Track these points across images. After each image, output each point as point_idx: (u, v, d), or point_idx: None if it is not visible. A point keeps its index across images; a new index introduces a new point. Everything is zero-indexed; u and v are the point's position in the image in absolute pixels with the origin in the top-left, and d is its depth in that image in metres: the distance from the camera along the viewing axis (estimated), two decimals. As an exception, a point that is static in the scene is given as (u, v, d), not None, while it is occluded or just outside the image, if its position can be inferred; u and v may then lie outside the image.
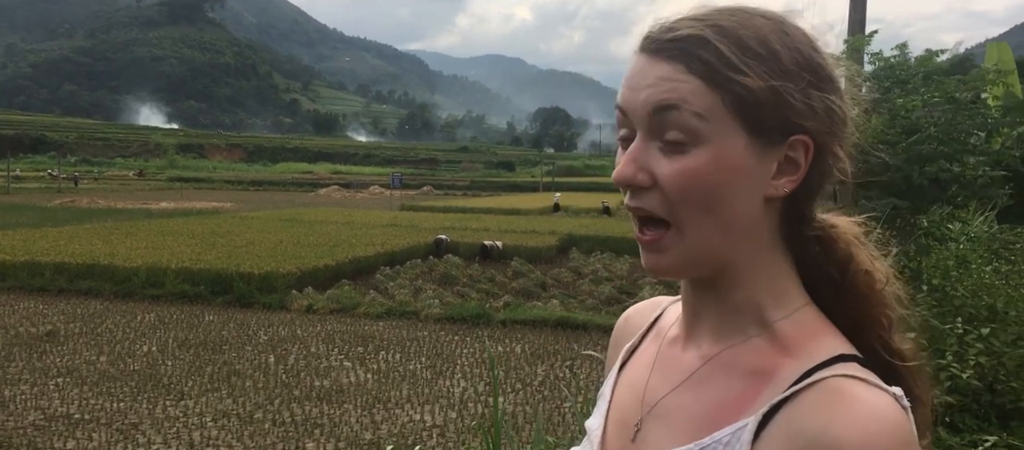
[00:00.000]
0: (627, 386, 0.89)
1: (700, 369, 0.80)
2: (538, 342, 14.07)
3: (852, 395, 0.67)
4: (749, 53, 0.73)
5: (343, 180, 78.87)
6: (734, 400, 0.75)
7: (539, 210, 40.37)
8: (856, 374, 0.70)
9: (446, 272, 20.47)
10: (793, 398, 0.70)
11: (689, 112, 0.72)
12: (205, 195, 57.41)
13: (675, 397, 0.81)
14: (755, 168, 0.74)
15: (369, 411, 10.44)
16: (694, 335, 0.83)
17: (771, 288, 0.78)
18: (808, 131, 0.74)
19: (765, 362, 0.75)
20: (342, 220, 31.62)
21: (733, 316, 0.79)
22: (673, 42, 0.74)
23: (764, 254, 0.78)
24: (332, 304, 16.37)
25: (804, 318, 0.77)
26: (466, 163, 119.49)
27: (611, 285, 18.74)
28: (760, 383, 0.74)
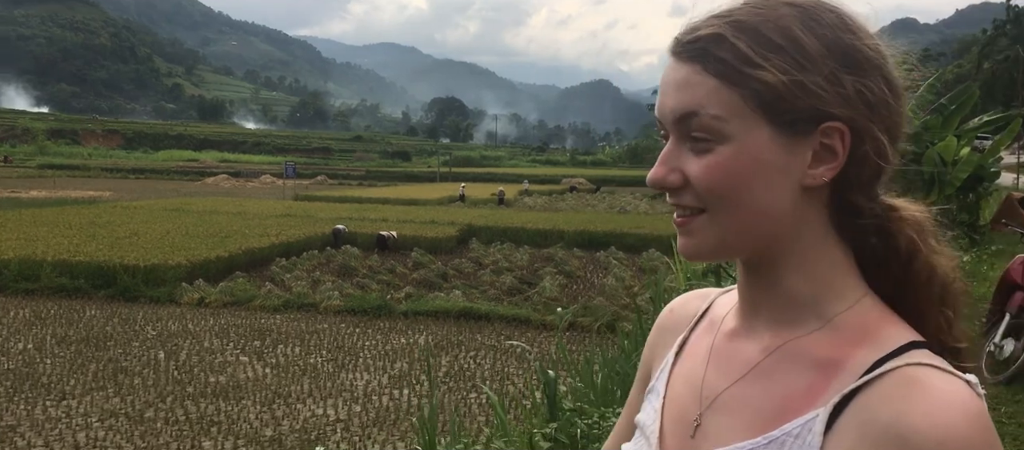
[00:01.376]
0: (682, 380, 0.86)
1: (763, 361, 0.77)
2: (441, 333, 13.98)
3: (928, 383, 0.66)
4: (768, 46, 0.73)
5: (232, 169, 76.30)
6: (803, 391, 0.72)
7: (437, 200, 40.20)
8: (930, 362, 0.69)
9: (345, 263, 20.07)
10: (866, 388, 0.68)
11: (708, 116, 0.73)
12: (81, 183, 54.18)
13: (737, 390, 0.78)
14: (785, 159, 0.73)
15: (269, 407, 10.11)
16: (753, 327, 0.80)
17: (827, 279, 0.76)
18: (840, 118, 0.73)
19: (833, 353, 0.73)
20: (233, 210, 30.51)
21: (791, 307, 0.77)
22: (692, 43, 0.75)
23: (814, 243, 0.76)
24: (225, 297, 15.77)
25: (866, 308, 0.76)
26: (361, 153, 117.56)
27: (512, 275, 18.84)
28: (829, 374, 0.72)
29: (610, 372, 5.57)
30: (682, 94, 0.74)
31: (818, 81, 0.72)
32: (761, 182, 0.73)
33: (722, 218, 0.74)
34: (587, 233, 24.89)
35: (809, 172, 0.74)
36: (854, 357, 0.71)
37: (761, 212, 0.74)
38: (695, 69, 0.74)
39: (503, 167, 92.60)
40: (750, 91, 0.72)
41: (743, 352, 0.80)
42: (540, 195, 48.56)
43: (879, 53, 0.75)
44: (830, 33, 0.74)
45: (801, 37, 0.73)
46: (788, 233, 0.75)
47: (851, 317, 0.75)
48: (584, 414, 3.64)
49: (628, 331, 6.71)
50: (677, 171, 0.75)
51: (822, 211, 0.76)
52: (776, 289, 0.77)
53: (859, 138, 0.74)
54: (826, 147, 0.74)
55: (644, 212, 35.04)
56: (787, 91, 0.72)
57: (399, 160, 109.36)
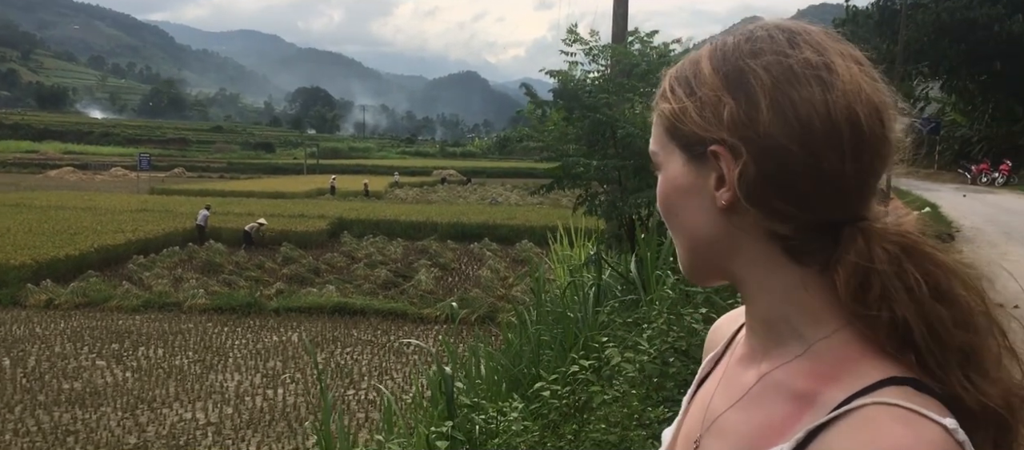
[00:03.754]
0: (698, 401, 0.88)
1: (754, 388, 0.78)
2: (315, 330, 13.65)
3: (880, 426, 0.63)
4: (678, 81, 0.78)
5: (78, 161, 71.22)
6: (778, 423, 0.72)
7: (306, 193, 39.15)
8: (897, 401, 0.64)
9: (209, 260, 19.21)
10: (829, 426, 0.67)
11: (652, 151, 0.81)
12: (-100, 177, 49.09)
13: (731, 415, 0.79)
14: (695, 182, 0.75)
15: (131, 413, 9.57)
16: (754, 351, 0.81)
17: (792, 303, 0.74)
18: (717, 141, 0.72)
19: (809, 385, 0.72)
20: (82, 205, 28.50)
21: (770, 331, 0.77)
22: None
23: (761, 267, 0.75)
24: (78, 298, 14.75)
25: (844, 339, 0.72)
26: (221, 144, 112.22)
27: (386, 269, 18.63)
28: (802, 407, 0.71)
29: (495, 365, 5.60)
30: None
31: (699, 106, 0.74)
32: (682, 204, 0.78)
33: (675, 240, 0.81)
34: (460, 225, 24.93)
35: (714, 194, 0.74)
36: (826, 392, 0.70)
37: (692, 233, 0.78)
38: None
39: (372, 159, 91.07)
40: (665, 121, 0.78)
41: (744, 377, 0.81)
42: (411, 187, 48.23)
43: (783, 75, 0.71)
44: (731, 59, 0.74)
45: (702, 66, 0.75)
46: (731, 256, 0.76)
47: (830, 346, 0.73)
48: (480, 409, 3.65)
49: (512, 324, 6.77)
50: None
51: (758, 233, 0.74)
52: (752, 312, 0.79)
53: (749, 160, 0.71)
54: (720, 169, 0.74)
55: (516, 204, 35.46)
56: (677, 118, 0.76)
57: (263, 152, 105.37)
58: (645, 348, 3.83)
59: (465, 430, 3.50)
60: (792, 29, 0.76)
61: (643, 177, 7.37)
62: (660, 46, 9.43)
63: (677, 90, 0.77)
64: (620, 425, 3.28)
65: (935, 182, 28.45)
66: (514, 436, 3.25)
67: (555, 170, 9.17)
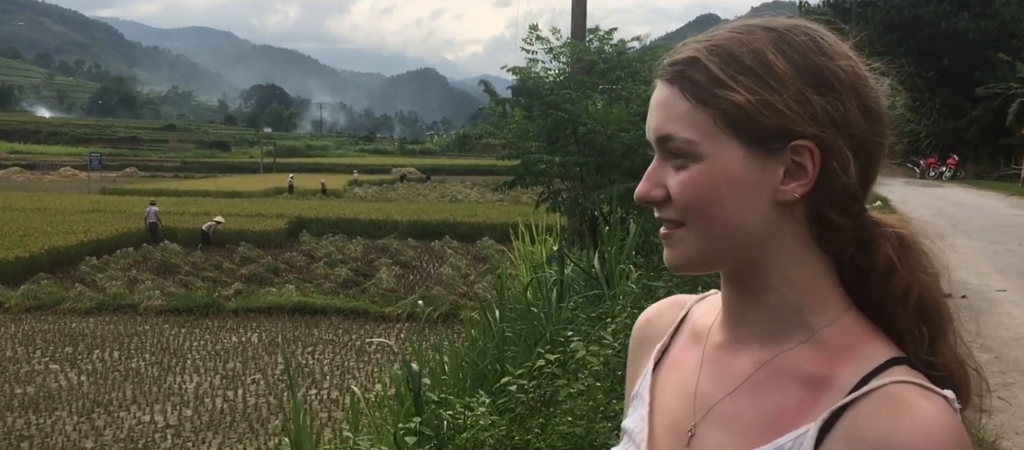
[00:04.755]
0: (672, 389, 0.88)
1: (755, 374, 0.80)
2: (275, 330, 13.51)
3: (912, 402, 0.70)
4: (739, 68, 0.76)
5: (25, 160, 69.41)
6: (794, 407, 0.76)
7: (263, 192, 38.65)
8: (910, 379, 0.72)
9: (165, 260, 18.88)
10: (853, 405, 0.72)
11: (681, 139, 0.76)
12: None
13: (731, 402, 0.81)
14: (757, 175, 0.76)
15: (87, 417, 9.39)
16: (742, 339, 0.83)
17: (808, 292, 0.79)
18: (808, 136, 0.76)
19: (821, 369, 0.76)
20: (31, 206, 27.78)
21: (775, 320, 0.80)
22: (672, 66, 0.79)
23: (794, 257, 0.79)
24: (28, 301, 14.39)
25: (848, 324, 0.78)
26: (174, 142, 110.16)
27: (347, 267, 18.50)
28: (818, 390, 0.75)
29: (460, 362, 5.62)
30: (660, 115, 0.79)
31: (786, 100, 0.76)
32: (733, 198, 0.76)
33: (699, 232, 0.78)
34: (421, 223, 24.86)
35: (781, 188, 0.77)
36: (841, 374, 0.75)
37: (735, 226, 0.77)
38: (673, 91, 0.78)
39: (330, 157, 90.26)
40: (719, 112, 0.75)
41: (735, 364, 0.83)
42: (370, 185, 47.90)
43: (854, 74, 0.78)
44: (800, 55, 0.77)
45: (771, 59, 0.77)
46: (766, 247, 0.78)
47: (835, 332, 0.78)
48: (447, 405, 3.67)
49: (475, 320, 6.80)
50: (661, 186, 0.79)
51: (799, 226, 0.78)
52: (759, 302, 0.81)
53: (828, 155, 0.76)
54: (797, 164, 0.76)
55: (476, 201, 35.46)
56: (755, 111, 0.75)
57: (218, 150, 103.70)
58: (610, 342, 3.89)
59: (433, 426, 3.53)
60: (820, 29, 0.81)
61: (605, 173, 7.45)
62: (618, 43, 9.52)
63: (743, 80, 0.76)
64: (586, 418, 3.33)
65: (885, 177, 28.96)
66: (481, 430, 3.28)
67: (516, 167, 9.20)
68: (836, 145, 0.76)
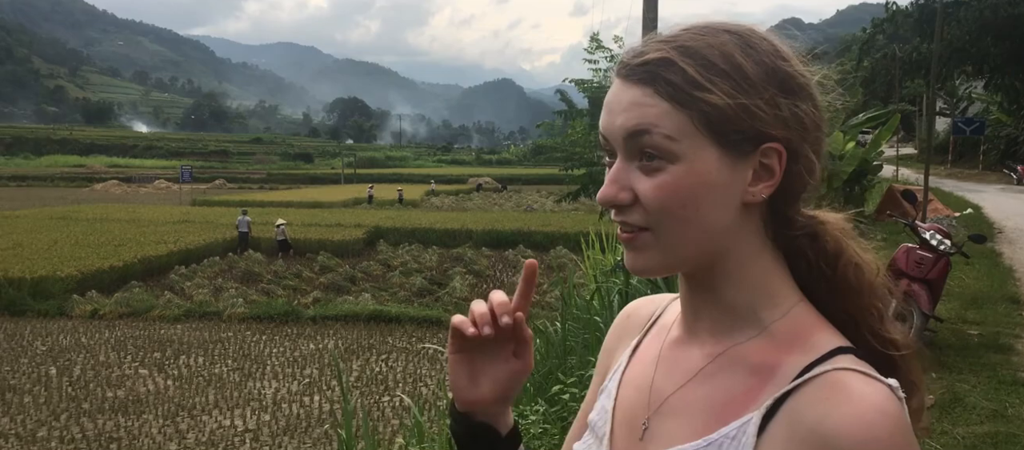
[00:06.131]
0: (632, 384, 0.89)
1: (706, 367, 0.81)
2: (351, 337, 13.80)
3: (850, 387, 0.70)
4: (714, 70, 0.76)
5: (123, 174, 73.00)
6: (740, 396, 0.77)
7: (343, 202, 39.57)
8: (854, 367, 0.73)
9: (248, 269, 19.53)
10: (795, 392, 0.73)
11: (660, 135, 0.75)
12: (-46, 192, 50.71)
13: (683, 394, 0.82)
14: (729, 178, 0.77)
15: (172, 420, 9.77)
16: (696, 334, 0.84)
17: (763, 288, 0.81)
18: (779, 139, 0.78)
19: (768, 358, 0.77)
20: (126, 217, 29.18)
21: (730, 316, 0.81)
22: (642, 66, 0.77)
23: (751, 256, 0.80)
24: (121, 308, 15.10)
25: (798, 315, 0.80)
26: (261, 155, 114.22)
27: (422, 276, 18.75)
28: (764, 379, 0.76)
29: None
30: (632, 114, 0.76)
31: (760, 104, 0.77)
32: (708, 201, 0.76)
33: (668, 235, 0.77)
34: (495, 232, 25.00)
35: (749, 190, 0.78)
36: (787, 363, 0.76)
37: (706, 229, 0.77)
38: (646, 92, 0.76)
39: (409, 167, 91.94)
40: (699, 113, 0.75)
41: (688, 358, 0.84)
42: (447, 195, 48.48)
43: (808, 79, 0.81)
44: (767, 60, 0.79)
45: (743, 63, 0.77)
46: (728, 247, 0.79)
47: (785, 324, 0.80)
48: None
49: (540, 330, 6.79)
50: (628, 189, 0.77)
51: (758, 225, 0.81)
52: (716, 299, 0.82)
53: (793, 157, 0.79)
54: (764, 166, 0.78)
55: (551, 210, 35.45)
56: (733, 113, 0.76)
57: (301, 162, 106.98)
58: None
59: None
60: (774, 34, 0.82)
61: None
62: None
63: (719, 83, 0.76)
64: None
65: (980, 183, 27.79)
66: (533, 439, 3.27)
67: (581, 177, 9.16)
68: (802, 147, 0.79)
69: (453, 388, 0.85)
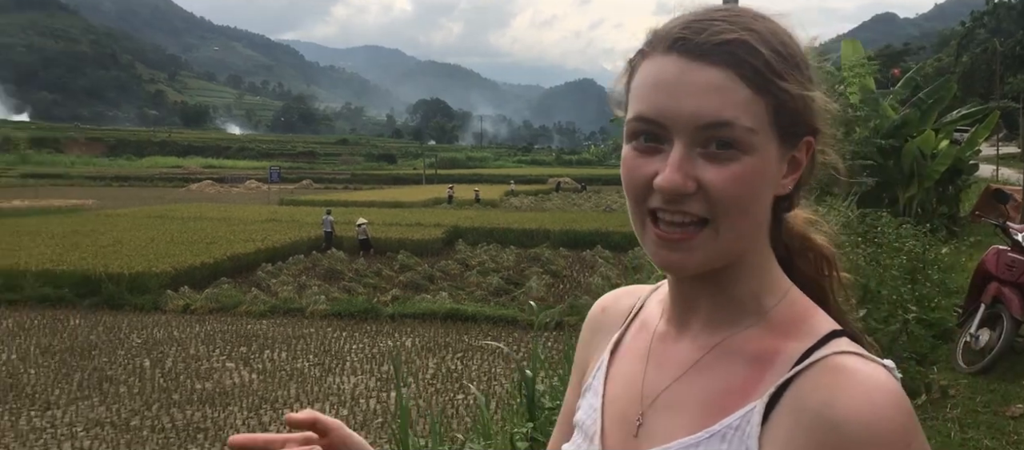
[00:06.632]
0: (620, 380, 0.87)
1: (702, 359, 0.79)
2: (429, 335, 13.99)
3: (852, 370, 0.70)
4: (782, 59, 0.74)
5: (217, 174, 75.99)
6: (740, 385, 0.75)
7: (423, 202, 40.16)
8: (852, 349, 0.73)
9: (331, 267, 20.04)
10: (797, 378, 0.72)
11: (742, 128, 0.71)
12: (63, 192, 53.74)
13: (678, 388, 0.80)
14: (778, 170, 0.76)
15: (256, 412, 10.10)
16: (688, 326, 0.82)
17: (765, 277, 0.80)
18: (816, 132, 0.78)
19: (765, 346, 0.76)
20: (218, 216, 30.37)
21: (733, 306, 0.79)
22: (719, 46, 0.72)
23: (762, 246, 0.80)
24: (211, 303, 15.72)
25: (793, 301, 0.80)
26: (346, 156, 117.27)
27: (499, 276, 18.86)
28: (763, 367, 0.75)
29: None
30: (710, 99, 0.71)
31: (816, 96, 0.76)
32: (765, 193, 0.75)
33: (728, 229, 0.74)
34: (573, 232, 24.94)
35: (782, 181, 0.77)
36: (785, 349, 0.75)
37: (758, 223, 0.77)
38: (727, 75, 0.71)
39: (489, 168, 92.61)
40: (775, 103, 0.73)
41: (680, 352, 0.82)
42: (526, 195, 48.64)
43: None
44: (803, 49, 0.77)
45: (798, 53, 0.76)
46: (756, 238, 0.79)
47: (782, 310, 0.79)
48: (562, 411, 3.67)
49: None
50: (692, 178, 0.72)
51: (769, 216, 0.80)
52: (721, 291, 0.79)
53: (819, 149, 0.79)
54: (795, 159, 0.77)
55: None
56: (801, 105, 0.75)
57: (385, 163, 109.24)
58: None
59: (546, 432, 3.54)
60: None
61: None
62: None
63: (792, 72, 0.74)
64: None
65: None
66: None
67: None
68: (826, 138, 0.79)
69: None
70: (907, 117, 14.95)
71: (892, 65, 29.72)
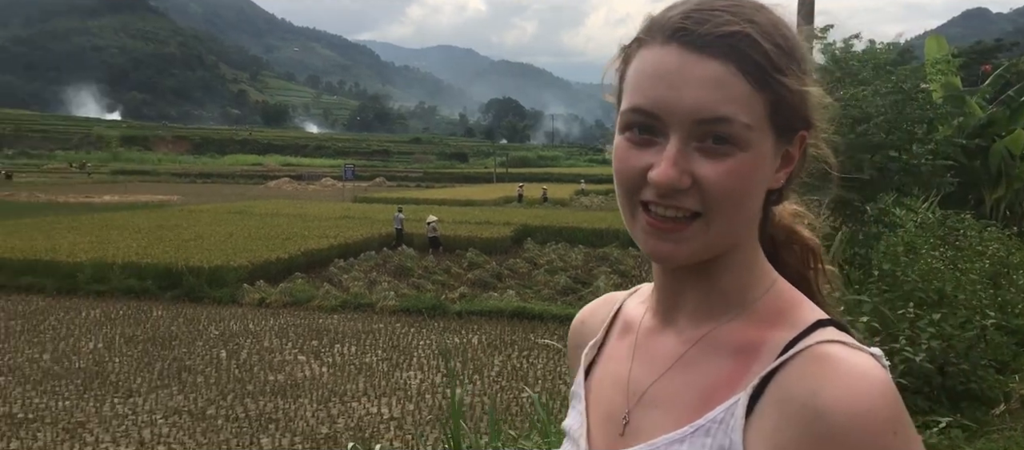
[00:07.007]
0: (606, 382, 0.86)
1: (687, 353, 0.78)
2: (495, 333, 14.07)
3: (838, 359, 0.68)
4: (783, 53, 0.72)
5: (294, 172, 77.94)
6: (725, 378, 0.74)
7: (494, 201, 40.37)
8: (838, 338, 0.71)
9: (401, 264, 20.34)
10: (781, 368, 0.70)
11: (740, 124, 0.70)
12: (150, 188, 56.10)
13: (663, 383, 0.79)
14: (772, 165, 0.75)
15: (325, 405, 10.33)
16: (673, 321, 0.81)
17: (752, 269, 0.79)
18: (810, 126, 0.76)
19: (750, 338, 0.75)
20: (294, 212, 31.19)
21: (718, 298, 0.78)
22: (722, 38, 0.70)
23: (751, 239, 0.79)
24: (285, 297, 16.15)
25: (779, 291, 0.79)
26: (419, 154, 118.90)
27: (566, 275, 18.82)
28: (748, 359, 0.74)
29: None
30: (711, 94, 0.69)
31: (814, 91, 0.75)
32: (759, 188, 0.75)
33: (720, 223, 0.72)
34: (643, 232, 24.68)
35: (775, 175, 0.76)
36: (770, 340, 0.73)
37: (750, 216, 0.76)
38: (729, 69, 0.70)
39: (560, 167, 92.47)
40: (775, 98, 0.71)
41: (666, 346, 0.81)
42: (596, 194, 48.36)
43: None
44: (801, 41, 0.75)
45: (796, 46, 0.74)
46: (748, 231, 0.78)
47: (768, 302, 0.77)
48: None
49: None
50: (687, 173, 0.71)
51: (760, 209, 0.78)
52: (708, 284, 0.78)
53: (810, 143, 0.78)
54: (788, 152, 0.76)
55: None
56: (798, 100, 0.73)
57: (456, 161, 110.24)
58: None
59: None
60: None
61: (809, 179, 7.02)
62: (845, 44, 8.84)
63: (791, 67, 0.72)
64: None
65: None
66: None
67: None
68: (816, 132, 0.78)
69: None
70: (994, 116, 14.30)
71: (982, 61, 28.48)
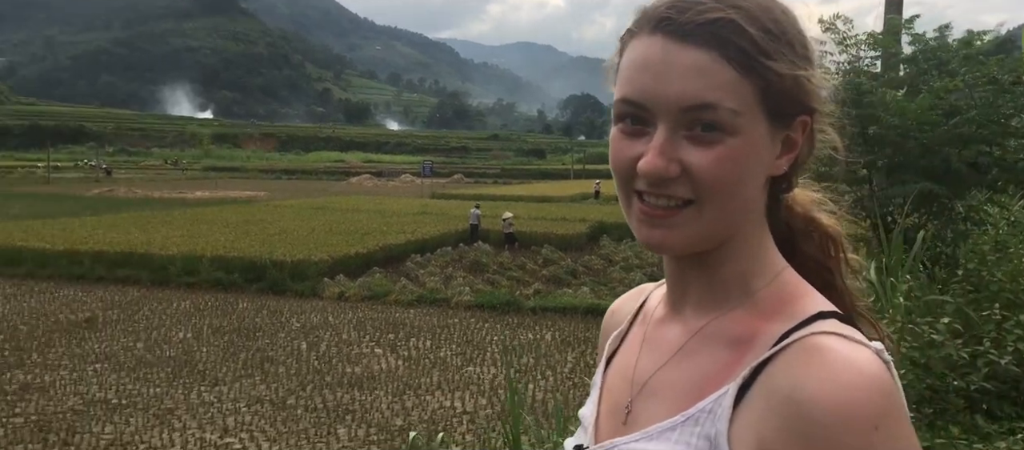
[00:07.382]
0: (617, 372, 0.88)
1: (687, 343, 0.79)
2: (568, 329, 14.05)
3: (827, 350, 0.67)
4: (772, 37, 0.72)
5: (375, 169, 79.52)
6: (719, 369, 0.74)
7: (570, 197, 40.30)
8: (835, 330, 0.69)
9: (476, 260, 20.52)
10: (772, 359, 0.70)
11: (726, 110, 0.70)
12: (239, 184, 58.17)
13: (664, 373, 0.80)
14: (769, 151, 0.74)
15: (400, 397, 10.52)
16: (680, 311, 0.82)
17: (756, 258, 0.78)
18: (812, 111, 0.76)
19: (748, 328, 0.75)
20: (373, 208, 31.83)
21: (720, 288, 0.78)
22: (704, 26, 0.70)
23: (755, 228, 0.78)
24: (363, 292, 16.50)
25: (784, 281, 0.78)
26: (497, 151, 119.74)
27: (642, 272, 18.62)
28: (743, 349, 0.73)
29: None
30: (694, 82, 0.69)
31: (809, 75, 0.74)
32: (754, 175, 0.73)
33: (712, 210, 0.72)
34: (722, 230, 24.25)
35: (776, 162, 0.75)
36: (766, 331, 0.73)
37: (745, 204, 0.75)
38: (711, 56, 0.69)
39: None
40: (763, 83, 0.71)
41: (670, 337, 0.81)
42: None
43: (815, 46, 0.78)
44: (799, 26, 0.75)
45: (790, 30, 0.73)
46: (747, 219, 0.77)
47: (770, 292, 0.76)
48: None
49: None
50: (676, 162, 0.71)
51: (763, 197, 0.78)
52: (711, 273, 0.78)
53: (815, 128, 0.77)
54: (790, 139, 0.75)
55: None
56: (791, 85, 0.72)
57: (534, 158, 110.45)
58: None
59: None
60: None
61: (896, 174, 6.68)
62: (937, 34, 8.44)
63: (783, 51, 0.72)
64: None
65: None
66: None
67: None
68: (820, 117, 0.77)
69: None
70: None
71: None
